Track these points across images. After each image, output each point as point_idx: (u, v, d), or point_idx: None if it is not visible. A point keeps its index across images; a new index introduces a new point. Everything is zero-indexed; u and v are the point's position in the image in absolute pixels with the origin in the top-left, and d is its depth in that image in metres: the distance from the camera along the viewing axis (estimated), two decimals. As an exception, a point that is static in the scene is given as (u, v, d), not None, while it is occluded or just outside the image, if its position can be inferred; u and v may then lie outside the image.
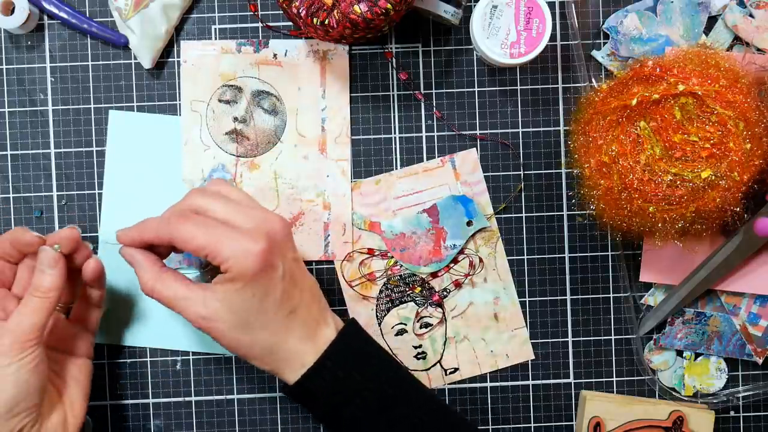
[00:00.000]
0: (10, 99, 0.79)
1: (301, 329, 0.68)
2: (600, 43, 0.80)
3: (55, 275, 0.68)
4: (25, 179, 0.79)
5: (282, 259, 0.66)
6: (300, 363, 0.68)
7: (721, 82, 0.69)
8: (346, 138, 0.80)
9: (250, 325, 0.67)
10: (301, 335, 0.68)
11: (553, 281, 0.81)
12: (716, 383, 0.81)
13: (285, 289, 0.67)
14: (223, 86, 0.79)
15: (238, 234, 0.65)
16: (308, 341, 0.68)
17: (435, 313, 0.80)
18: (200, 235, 0.65)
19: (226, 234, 0.65)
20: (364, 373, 0.68)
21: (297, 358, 0.68)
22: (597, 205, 0.73)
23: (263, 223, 0.66)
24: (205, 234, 0.65)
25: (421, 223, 0.80)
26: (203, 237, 0.65)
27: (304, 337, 0.68)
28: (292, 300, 0.67)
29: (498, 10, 0.73)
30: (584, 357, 0.81)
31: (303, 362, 0.68)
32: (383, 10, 0.69)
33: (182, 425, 0.80)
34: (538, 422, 0.81)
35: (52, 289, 0.68)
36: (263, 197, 0.79)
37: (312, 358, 0.68)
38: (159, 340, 0.80)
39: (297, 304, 0.68)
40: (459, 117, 0.80)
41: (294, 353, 0.68)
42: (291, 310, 0.67)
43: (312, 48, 0.79)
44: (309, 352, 0.68)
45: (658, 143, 0.70)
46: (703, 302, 0.81)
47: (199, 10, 0.79)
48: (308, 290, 0.69)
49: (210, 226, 0.65)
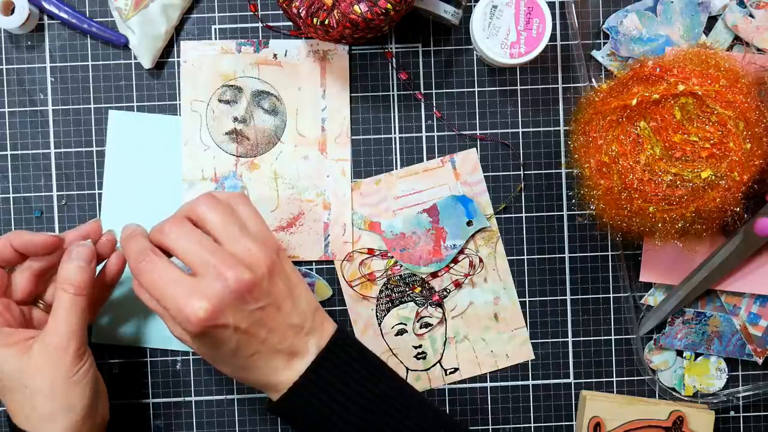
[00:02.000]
0: (10, 99, 0.79)
1: (268, 365, 0.66)
2: (600, 43, 0.80)
3: (92, 271, 0.68)
4: (25, 179, 0.79)
5: (234, 315, 0.63)
6: (275, 390, 0.67)
7: (721, 82, 0.69)
8: (346, 138, 0.80)
9: (214, 362, 0.67)
10: (270, 369, 0.66)
11: (553, 281, 0.81)
12: (716, 383, 0.81)
13: (240, 339, 0.64)
14: (223, 86, 0.79)
15: (181, 295, 0.62)
16: (281, 371, 0.66)
17: (435, 313, 0.80)
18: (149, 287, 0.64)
19: (172, 292, 0.62)
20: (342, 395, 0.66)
21: (270, 387, 0.67)
22: (597, 205, 0.74)
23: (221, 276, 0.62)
24: (154, 286, 0.63)
25: (421, 223, 0.80)
26: (152, 289, 0.64)
27: (273, 370, 0.66)
28: (252, 347, 0.65)
29: (498, 10, 0.73)
30: (584, 357, 0.81)
31: (277, 389, 0.67)
32: (383, 10, 0.69)
33: (182, 425, 0.80)
34: (538, 422, 0.81)
35: (88, 285, 0.67)
36: (263, 197, 0.79)
37: (285, 385, 0.66)
38: (159, 340, 0.80)
39: (259, 348, 0.65)
40: (459, 117, 0.80)
41: (264, 384, 0.67)
42: (252, 353, 0.65)
43: (312, 48, 0.79)
44: (282, 382, 0.66)
45: (658, 143, 0.70)
46: (703, 302, 0.81)
47: (199, 10, 0.79)
48: (280, 328, 0.66)
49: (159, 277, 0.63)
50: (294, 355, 0.66)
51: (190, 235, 0.64)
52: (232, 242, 0.64)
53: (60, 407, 0.66)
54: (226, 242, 0.64)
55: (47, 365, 0.65)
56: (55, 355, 0.65)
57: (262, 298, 0.64)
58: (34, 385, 0.65)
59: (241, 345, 0.65)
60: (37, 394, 0.65)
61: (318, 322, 0.68)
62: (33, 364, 0.65)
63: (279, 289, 0.65)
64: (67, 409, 0.66)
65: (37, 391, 0.65)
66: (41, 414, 0.66)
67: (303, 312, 0.67)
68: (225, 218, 0.65)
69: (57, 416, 0.66)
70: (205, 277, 0.63)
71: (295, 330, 0.66)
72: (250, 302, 0.64)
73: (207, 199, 0.66)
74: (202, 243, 0.64)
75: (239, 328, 0.64)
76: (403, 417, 0.67)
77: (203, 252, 0.63)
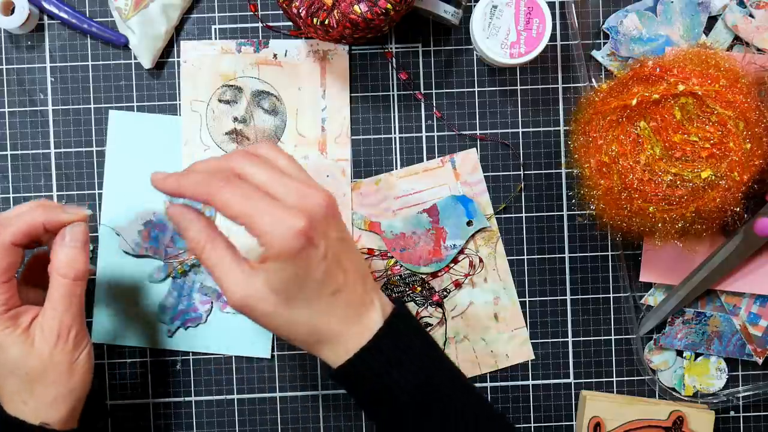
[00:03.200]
0: (10, 99, 0.79)
1: (345, 311, 0.64)
2: (600, 43, 0.80)
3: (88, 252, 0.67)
4: (25, 179, 0.79)
5: (324, 239, 0.62)
6: (344, 348, 0.65)
7: (721, 82, 0.69)
8: (346, 138, 0.80)
9: (291, 304, 0.63)
10: (345, 317, 0.64)
11: (553, 281, 0.81)
12: (716, 383, 0.81)
13: (327, 269, 0.63)
14: (223, 86, 0.79)
15: (278, 208, 0.61)
16: (353, 324, 0.65)
17: (435, 313, 0.80)
18: (237, 204, 0.61)
19: (265, 207, 0.61)
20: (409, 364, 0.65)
21: (341, 342, 0.65)
22: (597, 205, 0.74)
23: (305, 199, 0.62)
24: (243, 204, 0.61)
25: (421, 223, 0.80)
26: (240, 206, 0.61)
27: (348, 319, 0.65)
28: (335, 280, 0.64)
29: (498, 10, 0.73)
30: (584, 357, 0.81)
31: (347, 347, 0.65)
32: (383, 10, 0.69)
33: (182, 425, 0.80)
34: (538, 422, 0.81)
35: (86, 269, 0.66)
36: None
37: (356, 343, 0.64)
38: (159, 341, 0.80)
39: (341, 285, 0.64)
40: (459, 117, 0.80)
41: (337, 336, 0.65)
42: (334, 290, 0.64)
43: (312, 48, 0.79)
44: (353, 336, 0.65)
45: (658, 143, 0.70)
46: (703, 302, 0.81)
47: (199, 10, 0.79)
48: (353, 271, 0.65)
49: (250, 195, 0.61)
50: (364, 307, 0.65)
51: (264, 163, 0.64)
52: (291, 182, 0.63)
53: (63, 392, 0.66)
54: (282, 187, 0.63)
55: (48, 353, 0.65)
56: (57, 343, 0.65)
57: (341, 228, 0.64)
58: (35, 372, 0.65)
59: (326, 276, 0.63)
60: (38, 382, 0.65)
61: (373, 284, 0.67)
62: (35, 351, 0.65)
63: (345, 233, 0.65)
64: (70, 394, 0.67)
65: (37, 379, 0.65)
66: (43, 401, 0.66)
67: (363, 265, 0.67)
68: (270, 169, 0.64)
69: (60, 401, 0.66)
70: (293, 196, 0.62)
71: (362, 280, 0.65)
72: (334, 228, 0.63)
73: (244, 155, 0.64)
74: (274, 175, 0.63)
75: (327, 255, 0.62)
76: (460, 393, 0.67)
77: (283, 179, 0.63)
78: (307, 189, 0.63)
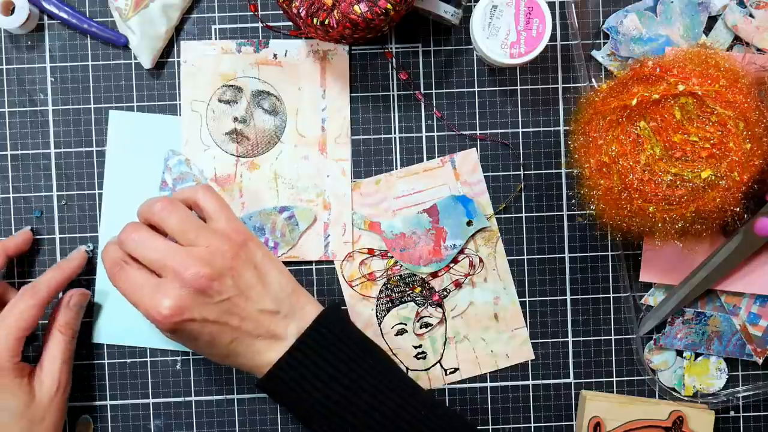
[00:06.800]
0: (10, 99, 0.79)
1: (250, 350, 0.69)
2: (600, 43, 0.80)
3: None
4: (25, 179, 0.79)
5: (202, 309, 0.67)
6: (259, 371, 0.69)
7: (721, 82, 0.69)
8: (346, 138, 0.80)
9: (197, 352, 0.71)
10: (252, 354, 0.69)
11: (553, 281, 0.81)
12: (716, 383, 0.81)
13: (212, 330, 0.67)
14: (223, 86, 0.79)
15: (152, 292, 0.66)
16: (261, 356, 0.69)
17: (435, 313, 0.80)
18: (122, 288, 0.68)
19: (140, 298, 0.67)
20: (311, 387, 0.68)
21: (255, 369, 0.69)
22: (597, 205, 0.73)
23: (179, 276, 0.66)
24: (127, 290, 0.68)
25: (421, 223, 0.80)
26: (125, 293, 0.68)
27: (255, 354, 0.69)
28: (226, 334, 0.68)
29: (498, 10, 0.73)
30: (584, 357, 0.81)
31: (261, 370, 0.69)
32: (383, 10, 0.69)
33: (182, 425, 0.80)
34: (538, 422, 0.81)
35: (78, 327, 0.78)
36: (263, 197, 0.79)
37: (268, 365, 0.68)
38: (159, 340, 0.80)
39: (235, 334, 0.68)
40: (459, 117, 0.80)
41: (250, 367, 0.70)
42: (229, 341, 0.68)
43: (312, 48, 0.79)
44: (264, 363, 0.69)
45: (658, 143, 0.70)
46: (703, 302, 0.81)
47: (199, 10, 0.79)
48: (253, 315, 0.68)
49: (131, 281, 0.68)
50: (275, 338, 0.69)
51: (147, 241, 0.68)
52: (191, 241, 0.68)
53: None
54: (185, 242, 0.68)
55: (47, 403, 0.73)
56: (56, 395, 0.73)
57: (226, 289, 0.67)
58: (37, 418, 0.72)
59: (215, 335, 0.68)
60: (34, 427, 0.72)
61: (298, 305, 0.70)
62: (36, 402, 0.72)
63: (246, 278, 0.68)
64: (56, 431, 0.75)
65: (35, 425, 0.72)
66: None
67: (276, 297, 0.69)
68: (182, 220, 0.69)
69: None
70: (166, 278, 0.67)
71: (270, 315, 0.69)
72: (214, 295, 0.67)
73: (164, 204, 0.69)
74: (158, 248, 0.68)
75: (208, 320, 0.67)
76: (386, 398, 0.68)
77: (160, 256, 0.67)
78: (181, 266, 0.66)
